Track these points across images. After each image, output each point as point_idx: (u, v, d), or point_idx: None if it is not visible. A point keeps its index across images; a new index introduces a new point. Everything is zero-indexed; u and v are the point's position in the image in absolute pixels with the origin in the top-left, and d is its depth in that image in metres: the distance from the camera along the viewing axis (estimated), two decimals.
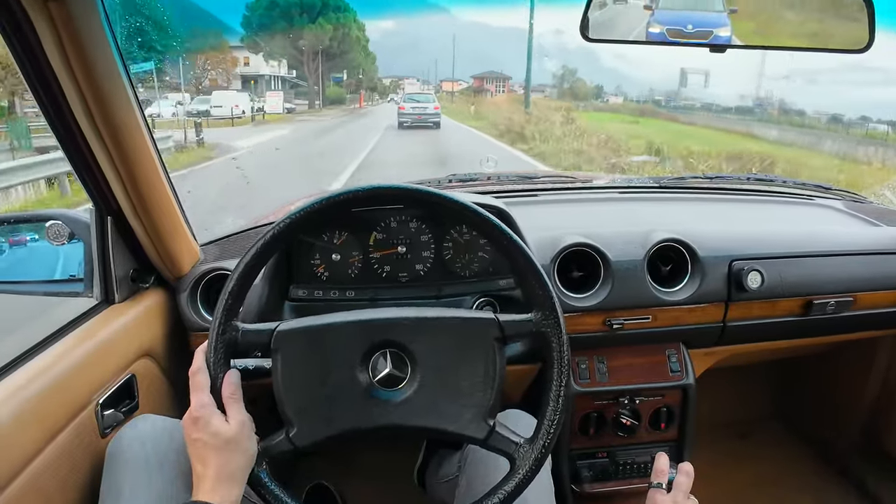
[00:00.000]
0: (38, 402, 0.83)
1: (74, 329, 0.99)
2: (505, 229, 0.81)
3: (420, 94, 21.72)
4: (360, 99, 35.89)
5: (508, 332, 0.81)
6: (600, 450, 1.37)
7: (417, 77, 50.23)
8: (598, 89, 39.54)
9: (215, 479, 0.71)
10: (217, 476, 0.71)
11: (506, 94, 40.41)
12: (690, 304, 1.27)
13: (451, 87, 46.50)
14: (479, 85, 44.52)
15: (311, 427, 0.79)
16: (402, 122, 17.65)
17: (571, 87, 38.52)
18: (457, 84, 47.51)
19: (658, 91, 34.96)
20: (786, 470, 1.81)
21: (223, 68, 30.04)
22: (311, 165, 11.43)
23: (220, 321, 0.78)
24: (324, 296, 1.22)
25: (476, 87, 43.80)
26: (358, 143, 14.24)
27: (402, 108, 18.24)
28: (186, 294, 1.18)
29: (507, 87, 43.38)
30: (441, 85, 48.05)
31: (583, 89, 38.49)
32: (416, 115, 17.87)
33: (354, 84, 36.92)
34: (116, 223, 1.04)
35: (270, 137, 15.93)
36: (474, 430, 0.80)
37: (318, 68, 32.42)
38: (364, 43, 37.77)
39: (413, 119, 17.72)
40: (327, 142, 16.05)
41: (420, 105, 18.39)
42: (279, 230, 0.80)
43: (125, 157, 0.94)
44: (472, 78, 46.69)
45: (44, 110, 0.87)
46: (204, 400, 0.75)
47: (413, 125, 17.45)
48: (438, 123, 18.10)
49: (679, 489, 0.93)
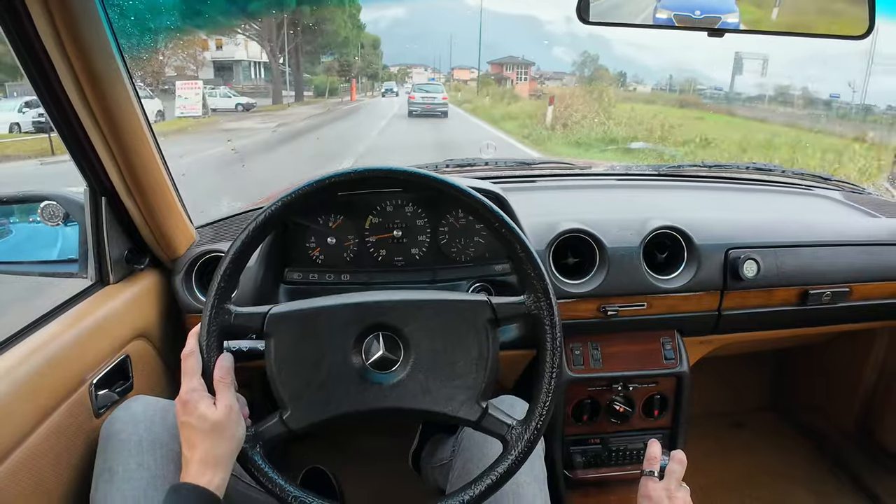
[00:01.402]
0: (31, 380, 0.83)
1: (69, 309, 0.99)
2: (501, 214, 0.80)
3: (429, 85, 22.28)
4: (352, 90, 27.83)
5: (501, 313, 0.81)
6: (593, 436, 1.37)
7: (427, 65, 47.91)
8: (622, 76, 35.07)
9: (201, 462, 0.72)
10: (203, 460, 0.72)
11: (528, 82, 36.84)
12: (686, 291, 1.27)
13: (465, 76, 43.43)
14: (497, 72, 39.77)
15: (304, 410, 0.80)
16: (412, 111, 18.36)
17: (593, 75, 33.80)
18: (469, 72, 44.52)
19: (677, 79, 31.61)
20: (779, 461, 1.82)
21: (190, 53, 20.94)
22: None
23: (213, 304, 0.78)
24: (319, 279, 1.22)
25: (494, 75, 39.13)
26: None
27: (413, 98, 18.97)
28: (181, 276, 1.17)
29: (530, 73, 39.15)
30: (453, 73, 45.49)
31: (605, 77, 33.29)
32: (426, 104, 18.51)
33: (339, 68, 29.36)
34: (111, 204, 1.04)
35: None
36: (467, 411, 0.80)
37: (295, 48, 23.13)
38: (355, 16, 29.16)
39: (423, 108, 18.37)
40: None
41: (429, 95, 19.08)
42: (272, 213, 0.79)
43: (119, 137, 0.94)
44: (489, 64, 42.00)
45: (37, 89, 0.87)
46: (194, 384, 0.75)
47: (422, 114, 18.21)
48: (446, 113, 18.75)
49: (671, 477, 0.94)
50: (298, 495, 0.78)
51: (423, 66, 47.32)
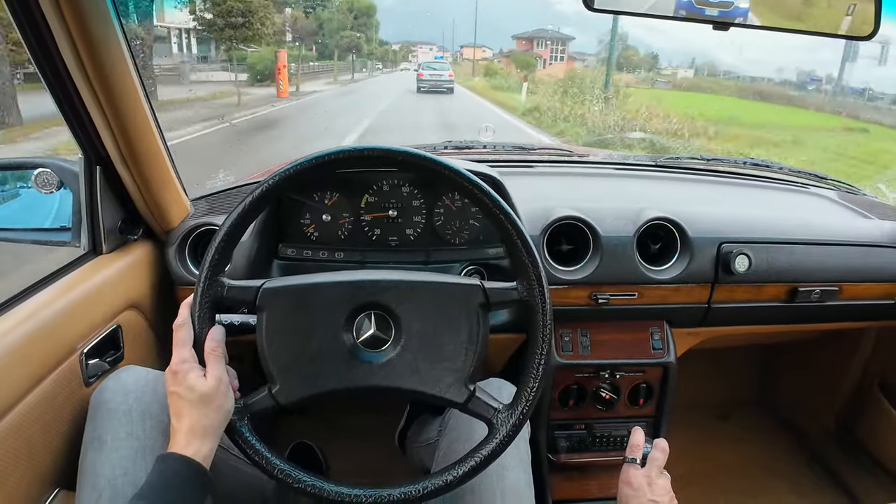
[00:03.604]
0: (21, 347, 0.83)
1: (61, 278, 0.99)
2: (496, 197, 0.80)
3: (436, 63, 23.58)
4: (280, 72, 14.63)
5: (493, 298, 0.81)
6: (578, 422, 1.39)
7: (433, 44, 44.69)
8: (654, 59, 30.08)
9: (189, 432, 0.72)
10: (191, 430, 0.73)
11: (565, 61, 30.34)
12: (677, 283, 1.28)
13: (474, 55, 38.20)
14: (525, 48, 31.81)
15: (293, 385, 0.80)
16: (420, 87, 19.32)
17: (620, 57, 27.77)
18: (481, 50, 39.70)
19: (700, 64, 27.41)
20: (761, 454, 1.85)
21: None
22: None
23: (206, 276, 0.78)
24: (312, 256, 1.22)
25: (522, 52, 30.95)
26: None
27: (421, 75, 20.01)
28: (175, 248, 1.17)
29: (567, 51, 32.07)
30: (461, 52, 41.39)
31: (634, 59, 29.33)
32: (433, 80, 19.66)
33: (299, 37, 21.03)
34: (105, 173, 1.03)
35: None
36: (454, 393, 0.81)
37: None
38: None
39: (430, 84, 19.48)
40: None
41: (436, 73, 20.25)
42: (267, 188, 0.79)
43: (115, 105, 0.93)
44: (514, 39, 34.35)
45: (33, 55, 0.86)
46: (185, 354, 0.76)
47: (430, 90, 19.20)
48: (452, 89, 19.99)
49: (653, 464, 0.95)
50: (284, 468, 0.79)
51: (430, 45, 45.00)
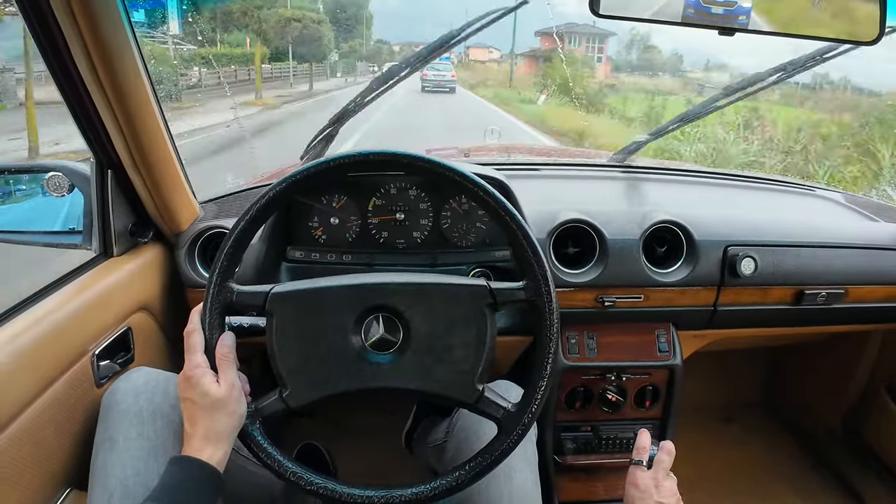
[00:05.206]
0: (33, 350, 0.84)
1: (72, 281, 1.00)
2: (501, 200, 0.81)
3: (440, 64, 23.63)
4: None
5: (500, 298, 0.82)
6: (585, 424, 1.39)
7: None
8: (678, 59, 27.51)
9: (203, 438, 0.73)
10: (205, 436, 0.73)
11: (603, 63, 26.34)
12: (683, 286, 1.28)
13: (482, 56, 35.58)
14: (550, 47, 25.62)
15: (303, 388, 0.81)
16: (425, 87, 20.11)
17: (640, 59, 26.93)
18: (489, 51, 36.71)
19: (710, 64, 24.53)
20: (768, 456, 1.84)
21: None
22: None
23: (216, 282, 0.79)
24: (320, 259, 1.22)
25: (546, 52, 25.36)
26: None
27: (426, 75, 20.27)
28: (184, 250, 1.18)
29: (606, 51, 27.53)
30: (468, 52, 37.87)
31: (658, 60, 26.88)
32: (437, 80, 20.45)
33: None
34: (116, 176, 1.05)
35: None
36: (464, 393, 0.81)
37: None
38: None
39: (434, 84, 20.35)
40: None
41: (440, 73, 20.87)
42: (276, 193, 0.80)
43: (127, 110, 0.94)
44: (537, 36, 28.54)
45: (46, 59, 0.87)
46: (198, 360, 0.76)
47: (434, 90, 20.19)
48: (454, 89, 21.30)
49: (659, 466, 0.96)
50: (296, 471, 0.79)
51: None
